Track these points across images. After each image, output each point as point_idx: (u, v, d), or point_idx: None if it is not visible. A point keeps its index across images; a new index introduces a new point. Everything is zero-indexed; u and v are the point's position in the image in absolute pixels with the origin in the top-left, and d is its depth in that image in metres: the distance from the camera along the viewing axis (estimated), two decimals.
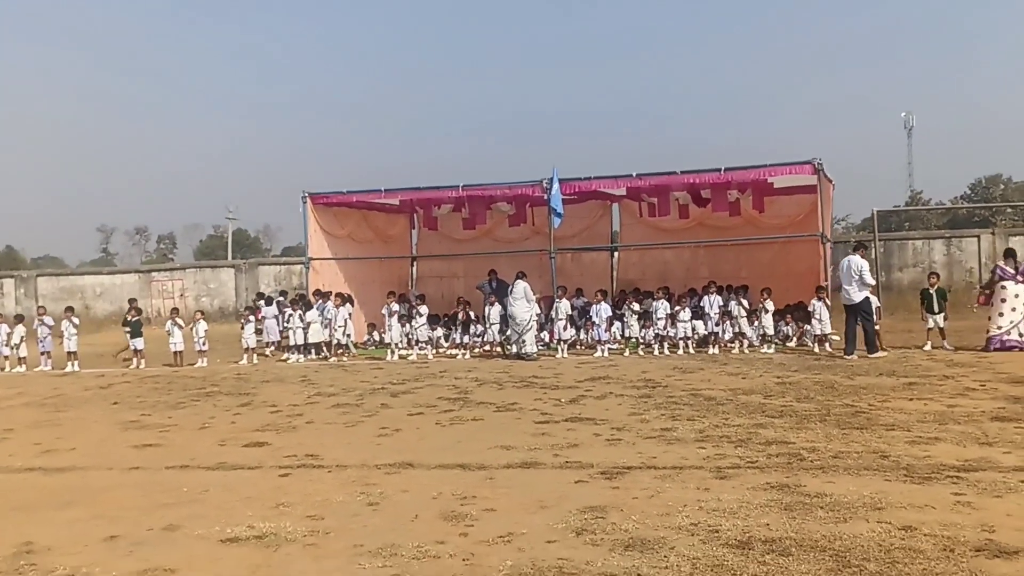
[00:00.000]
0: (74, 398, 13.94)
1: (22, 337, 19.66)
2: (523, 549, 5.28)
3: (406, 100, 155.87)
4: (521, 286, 18.15)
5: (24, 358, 19.49)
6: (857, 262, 15.63)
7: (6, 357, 19.53)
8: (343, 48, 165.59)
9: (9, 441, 10.09)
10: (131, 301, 21.20)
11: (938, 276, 17.70)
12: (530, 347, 17.66)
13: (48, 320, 19.91)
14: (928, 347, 16.09)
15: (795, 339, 18.10)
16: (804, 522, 5.55)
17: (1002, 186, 65.64)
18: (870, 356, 14.99)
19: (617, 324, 18.91)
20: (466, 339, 19.32)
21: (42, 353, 19.47)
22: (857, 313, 15.51)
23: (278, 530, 5.87)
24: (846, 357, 15.06)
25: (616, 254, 24.70)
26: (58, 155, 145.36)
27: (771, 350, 16.90)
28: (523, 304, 17.92)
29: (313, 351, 19.39)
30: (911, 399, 10.36)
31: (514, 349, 17.77)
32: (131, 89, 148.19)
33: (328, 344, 19.37)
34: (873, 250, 23.64)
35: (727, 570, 4.74)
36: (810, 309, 16.96)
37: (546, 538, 5.48)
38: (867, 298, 15.58)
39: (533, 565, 4.96)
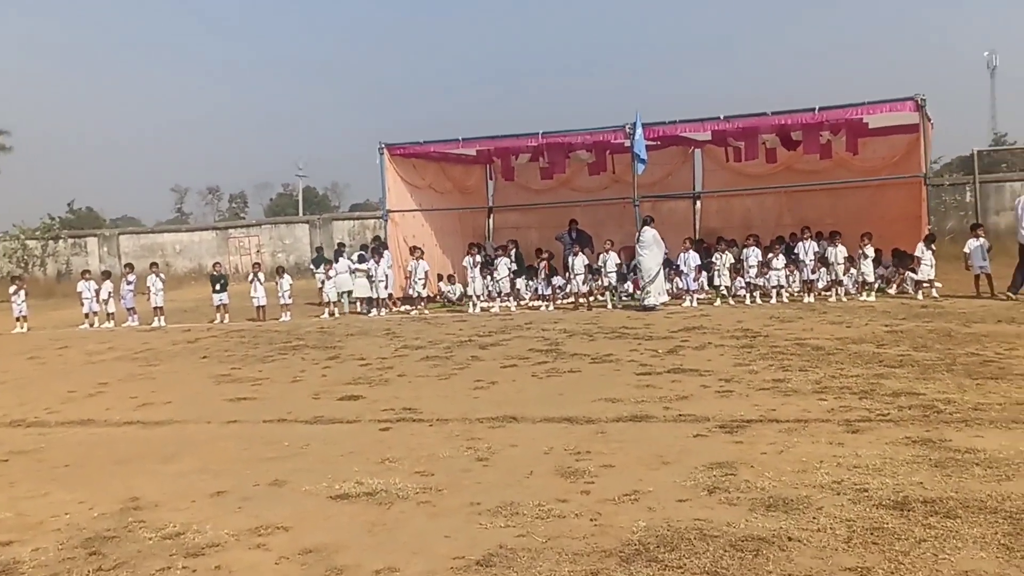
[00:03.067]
0: (163, 352, 14.00)
1: (110, 293, 19.92)
2: (653, 508, 4.90)
3: (454, 43, 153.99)
4: (650, 233, 16.88)
5: (112, 314, 19.77)
6: None
7: (95, 313, 19.82)
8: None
9: (105, 395, 10.09)
10: (215, 265, 21.31)
11: None
12: (654, 298, 16.57)
13: (131, 277, 20.13)
14: None
15: (895, 286, 17.20)
16: (962, 480, 5.06)
17: None
18: None
19: (704, 273, 18.26)
20: (548, 291, 18.88)
21: (128, 309, 19.70)
22: None
23: (388, 487, 5.60)
24: (1011, 296, 14.63)
25: (698, 202, 23.88)
26: (132, 118, 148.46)
27: (872, 298, 16.08)
28: (653, 251, 16.70)
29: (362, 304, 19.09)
30: None
31: (643, 299, 16.63)
32: (197, 49, 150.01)
33: (376, 300, 19.00)
34: (974, 192, 22.47)
35: (889, 533, 4.28)
36: (917, 254, 16.07)
37: (676, 497, 5.09)
38: None
39: (668, 526, 4.57)
